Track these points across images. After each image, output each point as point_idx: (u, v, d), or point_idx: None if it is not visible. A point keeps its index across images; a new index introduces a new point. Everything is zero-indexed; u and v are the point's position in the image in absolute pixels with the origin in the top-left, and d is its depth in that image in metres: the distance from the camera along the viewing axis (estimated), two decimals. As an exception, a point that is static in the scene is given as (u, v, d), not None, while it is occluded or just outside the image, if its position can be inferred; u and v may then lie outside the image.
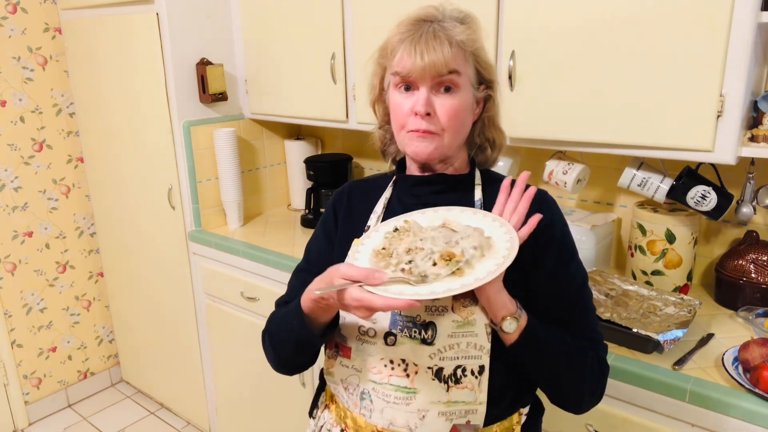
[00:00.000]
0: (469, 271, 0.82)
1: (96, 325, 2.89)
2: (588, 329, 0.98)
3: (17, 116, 2.46)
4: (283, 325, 1.00)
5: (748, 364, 1.19)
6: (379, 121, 1.08)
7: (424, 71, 0.91)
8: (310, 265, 1.09)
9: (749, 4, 1.19)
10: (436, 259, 0.83)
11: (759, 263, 1.49)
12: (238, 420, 2.35)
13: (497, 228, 0.89)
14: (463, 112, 0.96)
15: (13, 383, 2.60)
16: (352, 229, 1.05)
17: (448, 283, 0.80)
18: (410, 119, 0.95)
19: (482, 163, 1.08)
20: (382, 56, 0.99)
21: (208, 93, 2.16)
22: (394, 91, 0.97)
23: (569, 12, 1.42)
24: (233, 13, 2.24)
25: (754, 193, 1.50)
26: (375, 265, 0.86)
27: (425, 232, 0.88)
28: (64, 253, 2.72)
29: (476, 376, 0.91)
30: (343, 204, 1.10)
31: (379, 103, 1.06)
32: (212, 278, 2.24)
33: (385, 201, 1.06)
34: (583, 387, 0.95)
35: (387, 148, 1.11)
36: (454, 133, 0.97)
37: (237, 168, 2.24)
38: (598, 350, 0.98)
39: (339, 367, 0.98)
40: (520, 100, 1.55)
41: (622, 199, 1.82)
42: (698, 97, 1.29)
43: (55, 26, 2.52)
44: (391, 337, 0.92)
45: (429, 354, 0.90)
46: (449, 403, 0.91)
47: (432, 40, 0.91)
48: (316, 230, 1.13)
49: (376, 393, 0.93)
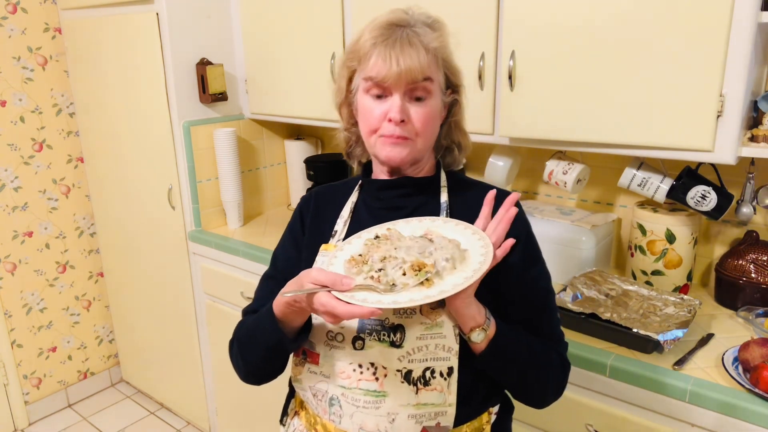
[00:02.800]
0: (438, 282, 0.82)
1: (96, 325, 2.89)
2: (551, 328, 1.00)
3: (17, 116, 2.46)
4: (255, 330, 0.98)
5: (748, 364, 1.19)
6: (345, 123, 1.07)
7: (399, 77, 0.91)
8: (277, 272, 1.08)
9: (749, 4, 1.19)
10: (406, 268, 0.84)
11: (759, 263, 1.49)
12: (238, 420, 2.35)
13: (475, 242, 0.89)
14: (434, 118, 0.98)
15: (13, 383, 2.60)
16: (320, 235, 1.05)
17: (412, 293, 0.81)
18: (384, 125, 0.95)
19: (449, 164, 1.09)
20: (352, 59, 0.98)
21: (208, 93, 2.16)
22: (364, 95, 0.97)
23: (569, 12, 1.42)
24: (233, 13, 2.24)
25: (754, 193, 1.50)
26: (348, 271, 0.87)
27: (403, 242, 0.89)
28: (64, 253, 2.72)
29: (445, 377, 0.91)
30: (310, 209, 1.10)
31: (345, 105, 1.04)
32: (212, 278, 2.24)
33: (352, 205, 1.06)
34: (547, 387, 0.97)
35: (352, 151, 1.11)
36: (426, 139, 0.98)
37: (237, 168, 2.24)
38: (560, 349, 1.00)
39: (307, 374, 0.98)
40: (520, 100, 1.55)
41: (622, 199, 1.82)
42: (698, 97, 1.29)
43: (55, 26, 2.52)
44: (359, 342, 0.92)
45: (398, 357, 0.90)
46: (419, 405, 0.91)
47: (407, 46, 0.91)
48: (283, 236, 1.12)
49: (345, 398, 0.93)
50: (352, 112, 1.04)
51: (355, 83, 0.99)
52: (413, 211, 1.02)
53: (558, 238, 1.69)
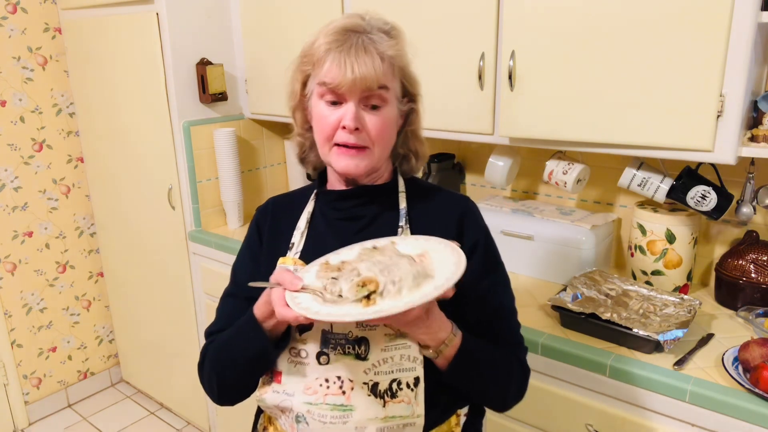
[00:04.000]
0: (379, 302, 0.80)
1: (96, 325, 2.89)
2: (510, 333, 1.01)
3: (17, 116, 2.46)
4: (232, 344, 0.96)
5: (748, 364, 1.19)
6: (299, 128, 1.04)
7: (354, 85, 0.89)
8: (237, 289, 1.06)
9: (749, 4, 1.19)
10: (354, 282, 0.83)
11: (759, 263, 1.49)
12: (238, 420, 2.35)
13: (446, 272, 0.83)
14: (390, 126, 0.96)
15: (13, 383, 2.60)
16: (277, 246, 1.04)
17: (351, 308, 0.80)
18: (338, 132, 0.93)
19: (406, 172, 1.08)
20: (306, 63, 0.96)
21: (208, 93, 2.16)
22: (318, 100, 0.95)
23: (569, 12, 1.42)
24: (233, 13, 2.24)
25: (754, 193, 1.50)
26: (317, 275, 0.88)
27: (383, 256, 0.87)
28: (64, 253, 2.72)
29: (412, 388, 0.90)
30: (267, 221, 1.08)
31: (299, 110, 1.02)
32: (212, 278, 2.24)
33: (308, 216, 1.05)
34: (507, 394, 0.98)
35: (307, 156, 1.08)
36: (383, 148, 0.97)
37: (237, 168, 2.24)
38: (520, 354, 1.01)
39: (271, 394, 0.95)
40: (520, 100, 1.55)
41: (622, 199, 1.82)
42: (698, 97, 1.29)
43: (55, 26, 2.52)
44: (323, 357, 0.91)
45: (364, 369, 0.90)
46: (386, 418, 0.90)
47: (363, 53, 0.89)
48: (240, 251, 1.10)
49: (311, 415, 0.91)
50: (306, 116, 1.01)
51: (309, 87, 0.97)
52: (372, 220, 1.01)
53: (558, 238, 1.69)
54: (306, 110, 1.01)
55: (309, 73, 0.96)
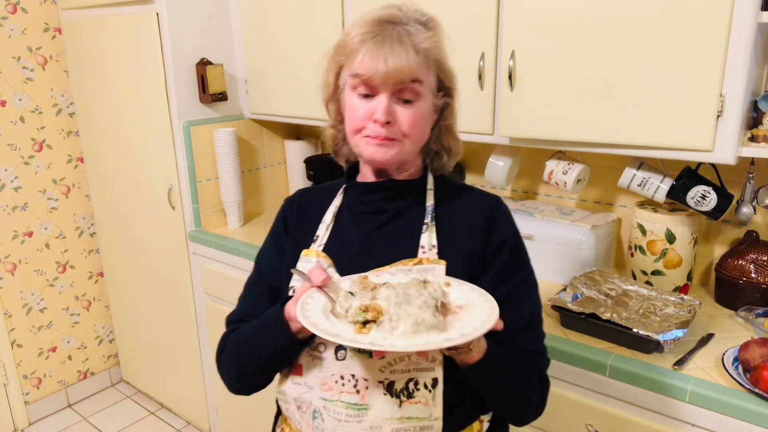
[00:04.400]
0: (371, 333, 0.79)
1: (96, 325, 2.89)
2: (533, 342, 0.97)
3: (17, 116, 2.46)
4: (258, 336, 0.95)
5: (748, 364, 1.19)
6: (332, 120, 1.03)
7: (387, 77, 0.88)
8: (261, 278, 1.06)
9: (749, 4, 1.19)
10: (360, 305, 0.82)
11: (759, 263, 1.49)
12: (238, 420, 2.35)
13: (459, 328, 0.81)
14: (423, 121, 0.94)
15: (13, 383, 2.60)
16: (302, 238, 1.03)
17: (346, 328, 0.80)
18: (369, 125, 0.92)
19: (437, 169, 1.05)
20: (340, 54, 0.95)
21: (208, 93, 2.16)
22: (350, 92, 0.94)
23: (569, 12, 1.42)
24: (233, 13, 2.24)
25: (754, 193, 1.50)
26: (352, 285, 0.87)
27: (414, 291, 0.84)
28: (64, 253, 2.72)
29: (430, 389, 0.88)
30: (293, 212, 1.07)
31: (332, 101, 1.01)
32: (212, 278, 2.24)
33: (335, 209, 1.04)
34: (528, 406, 0.95)
35: (340, 149, 1.07)
36: (415, 142, 0.95)
37: (237, 168, 2.24)
38: (541, 364, 0.97)
39: (291, 386, 0.95)
40: (520, 100, 1.55)
41: (622, 199, 1.82)
42: (698, 97, 1.29)
43: (55, 26, 2.52)
44: (341, 351, 0.90)
45: (379, 367, 0.88)
46: (402, 419, 0.88)
47: (397, 45, 0.88)
48: (265, 241, 1.10)
49: (327, 411, 0.90)
50: (340, 108, 1.00)
51: (342, 79, 0.96)
52: (397, 215, 1.00)
53: (558, 238, 1.68)
54: (339, 102, 0.99)
55: (342, 64, 0.95)
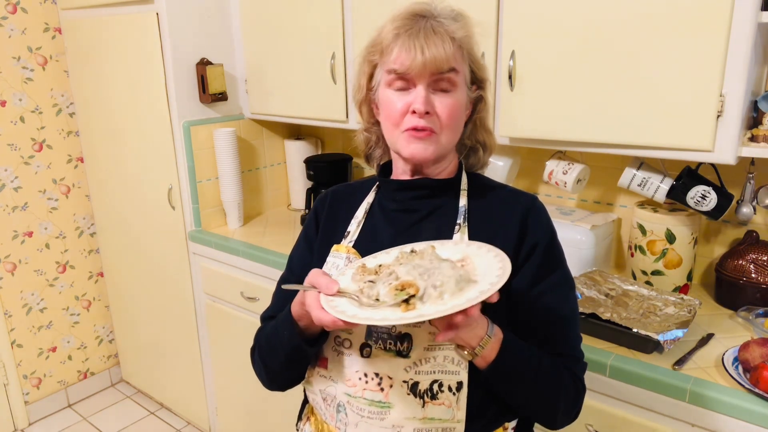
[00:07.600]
0: (419, 307, 0.78)
1: (96, 325, 2.89)
2: (567, 345, 0.95)
3: (17, 116, 2.46)
4: (273, 337, 0.96)
5: (748, 364, 1.19)
6: (365, 122, 1.03)
7: (424, 67, 0.88)
8: (292, 276, 1.06)
9: (749, 4, 1.19)
10: (393, 286, 0.81)
11: (759, 263, 1.49)
12: (238, 420, 2.35)
13: (492, 275, 0.80)
14: (460, 111, 0.94)
15: (13, 383, 2.60)
16: (332, 235, 1.03)
17: (389, 312, 0.78)
18: (407, 117, 0.91)
19: (473, 165, 1.05)
20: (373, 53, 0.95)
21: (208, 93, 2.16)
22: (386, 89, 0.93)
23: (569, 12, 1.42)
24: (233, 13, 2.24)
25: (754, 193, 1.50)
26: (354, 278, 0.86)
27: (423, 260, 0.84)
28: (64, 253, 2.72)
29: (454, 392, 0.87)
30: (325, 209, 1.08)
31: (365, 103, 1.00)
32: (212, 278, 2.24)
33: (367, 206, 1.03)
34: (556, 408, 0.91)
35: (372, 152, 1.07)
36: (452, 133, 0.94)
37: (237, 168, 2.24)
38: (575, 369, 0.94)
39: (317, 378, 0.96)
40: (520, 100, 1.55)
41: (622, 199, 1.82)
42: (698, 97, 1.29)
43: (55, 26, 2.52)
44: (367, 349, 0.89)
45: (404, 367, 0.87)
46: (425, 419, 0.87)
47: (432, 35, 0.88)
48: (298, 239, 1.10)
49: (351, 406, 0.90)
50: (373, 110, 0.99)
51: (376, 78, 0.95)
52: (428, 214, 0.99)
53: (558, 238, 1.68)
54: (373, 104, 0.99)
55: (376, 62, 0.95)
